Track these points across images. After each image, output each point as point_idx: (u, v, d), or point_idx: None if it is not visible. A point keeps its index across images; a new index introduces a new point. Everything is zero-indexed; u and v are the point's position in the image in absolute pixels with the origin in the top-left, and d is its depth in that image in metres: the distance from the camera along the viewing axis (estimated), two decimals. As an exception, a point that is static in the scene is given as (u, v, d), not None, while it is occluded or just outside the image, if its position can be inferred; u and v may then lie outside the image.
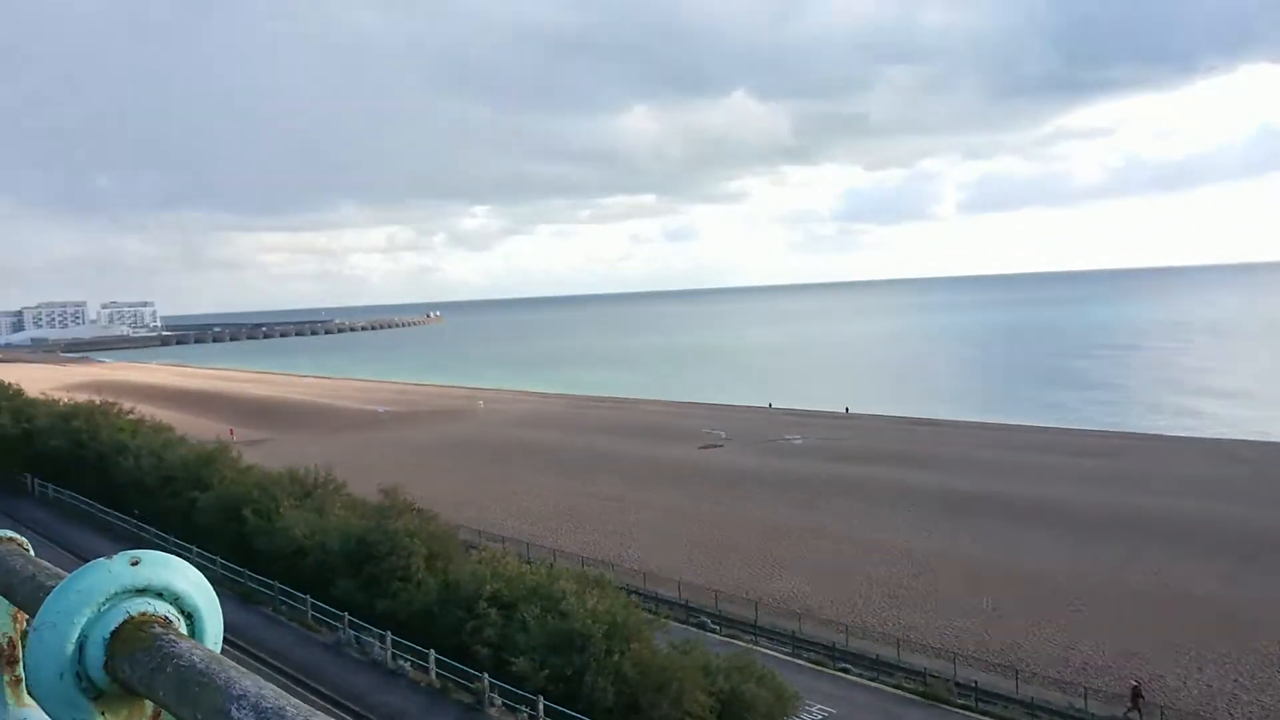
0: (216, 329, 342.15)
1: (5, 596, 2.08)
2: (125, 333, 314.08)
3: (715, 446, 73.62)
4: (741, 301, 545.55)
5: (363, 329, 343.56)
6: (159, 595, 1.47)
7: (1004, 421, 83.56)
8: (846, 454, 67.41)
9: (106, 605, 1.43)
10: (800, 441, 74.02)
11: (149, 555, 1.48)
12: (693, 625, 34.66)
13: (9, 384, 59.40)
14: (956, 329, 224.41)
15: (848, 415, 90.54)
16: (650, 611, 31.95)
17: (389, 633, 27.71)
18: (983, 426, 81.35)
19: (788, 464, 64.92)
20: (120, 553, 1.50)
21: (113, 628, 1.42)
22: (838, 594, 39.22)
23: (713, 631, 34.57)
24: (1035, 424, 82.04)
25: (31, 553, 2.17)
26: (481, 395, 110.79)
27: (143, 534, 38.91)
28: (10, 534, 2.25)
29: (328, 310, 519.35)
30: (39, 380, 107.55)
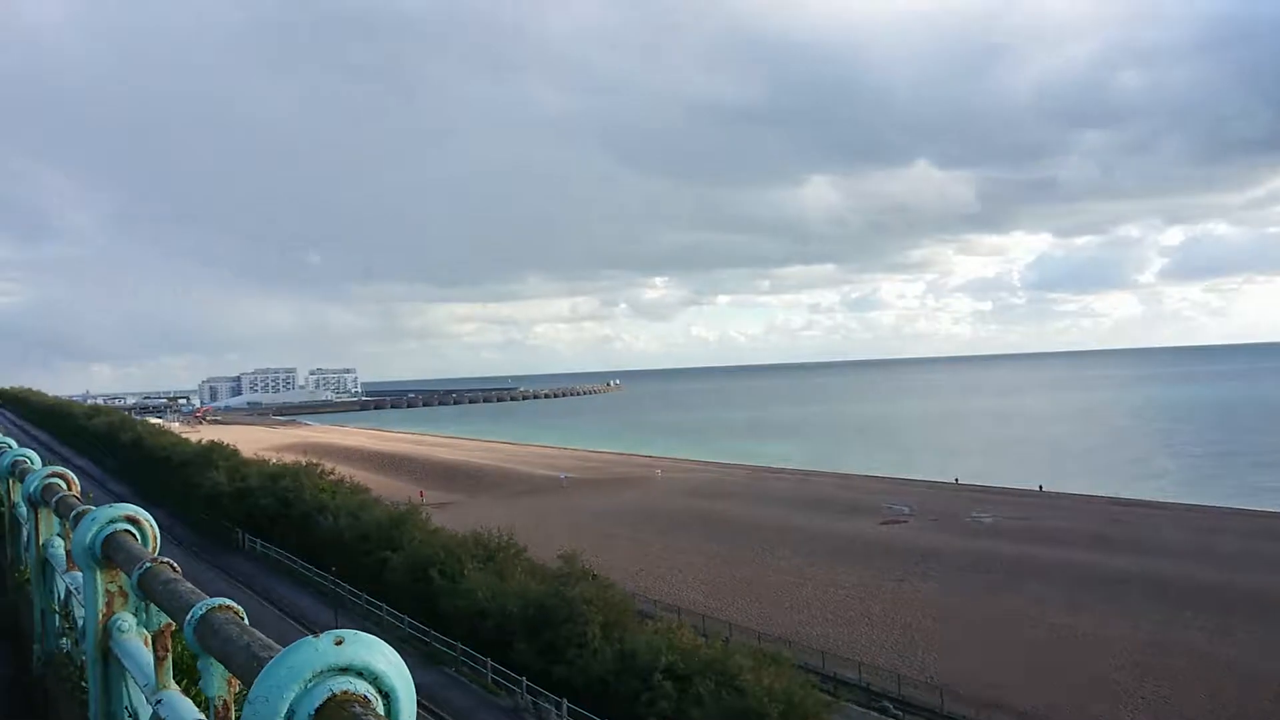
0: (411, 395, 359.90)
1: (222, 662, 2.24)
2: (329, 397, 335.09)
3: (897, 522, 71.21)
4: (927, 373, 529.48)
5: (546, 396, 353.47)
6: (359, 674, 1.55)
7: (1216, 505, 77.14)
8: (1040, 535, 63.76)
9: (313, 682, 1.52)
10: (989, 520, 70.60)
11: (352, 635, 1.57)
12: (874, 710, 33.30)
13: (227, 445, 64.11)
14: (1163, 403, 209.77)
15: (1041, 493, 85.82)
16: (829, 693, 30.95)
17: (565, 700, 27.91)
18: (1192, 509, 75.37)
19: (976, 543, 61.97)
20: (326, 631, 1.59)
21: (317, 704, 1.50)
22: (1033, 685, 36.82)
23: (894, 717, 33.10)
24: (1254, 508, 75.34)
25: (245, 620, 2.33)
26: (659, 464, 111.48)
27: (339, 590, 40.86)
28: (228, 602, 2.42)
29: (514, 378, 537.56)
30: (253, 441, 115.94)
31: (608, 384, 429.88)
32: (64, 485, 6.83)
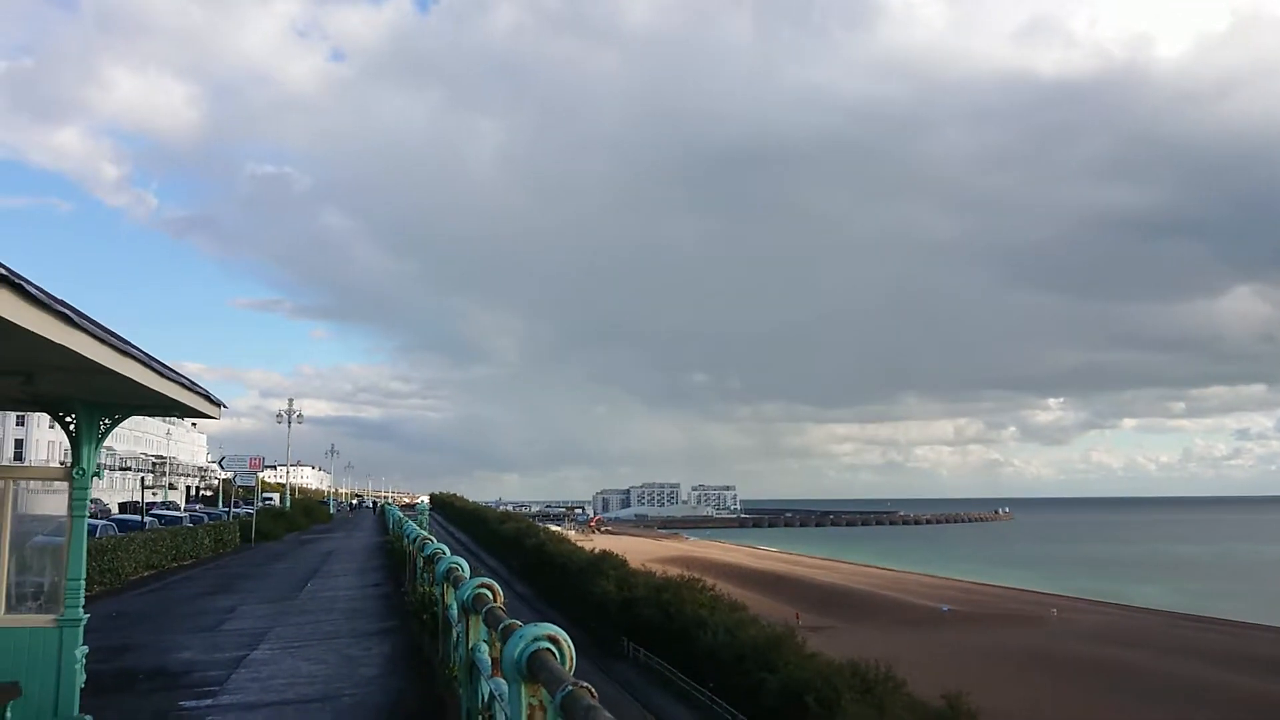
0: (788, 514, 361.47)
1: None
2: (709, 513, 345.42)
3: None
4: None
5: (927, 522, 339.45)
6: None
7: None
8: None
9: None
10: None
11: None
12: None
13: (616, 555, 67.85)
14: None
15: None
16: None
17: None
18: None
19: None
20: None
21: None
22: None
23: None
24: None
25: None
26: (1054, 601, 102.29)
27: (714, 706, 41.25)
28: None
29: (892, 501, 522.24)
30: (638, 552, 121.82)
31: (995, 511, 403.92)
32: (490, 596, 7.71)
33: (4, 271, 4.94)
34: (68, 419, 9.71)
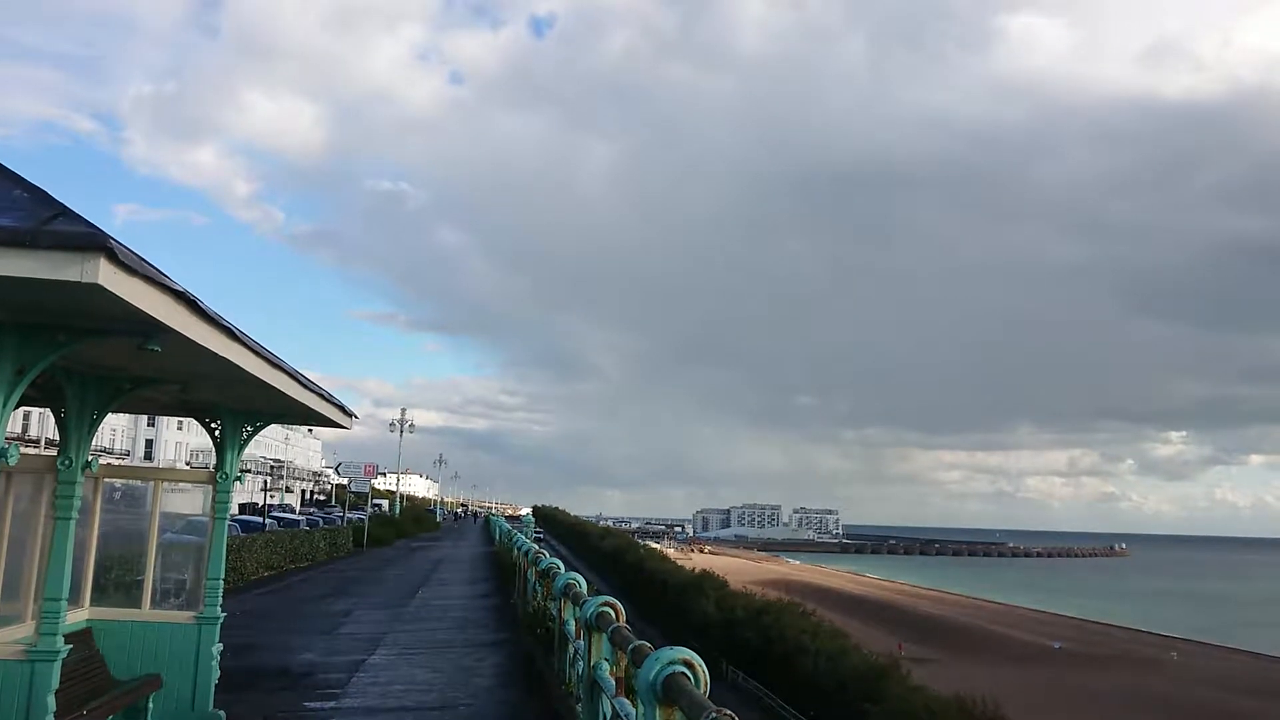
0: (891, 540, 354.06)
1: None
2: (810, 537, 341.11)
3: None
4: None
5: (1037, 555, 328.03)
6: None
7: None
8: None
9: None
10: None
11: None
12: None
13: (717, 575, 67.44)
14: None
15: None
16: None
17: None
18: None
19: None
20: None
21: None
22: None
23: None
24: None
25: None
26: (1173, 644, 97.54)
27: (815, 736, 40.56)
28: None
29: (1001, 532, 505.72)
30: (737, 573, 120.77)
31: (1110, 547, 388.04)
32: (613, 615, 7.80)
33: (179, 289, 5.26)
34: (213, 425, 10.22)
